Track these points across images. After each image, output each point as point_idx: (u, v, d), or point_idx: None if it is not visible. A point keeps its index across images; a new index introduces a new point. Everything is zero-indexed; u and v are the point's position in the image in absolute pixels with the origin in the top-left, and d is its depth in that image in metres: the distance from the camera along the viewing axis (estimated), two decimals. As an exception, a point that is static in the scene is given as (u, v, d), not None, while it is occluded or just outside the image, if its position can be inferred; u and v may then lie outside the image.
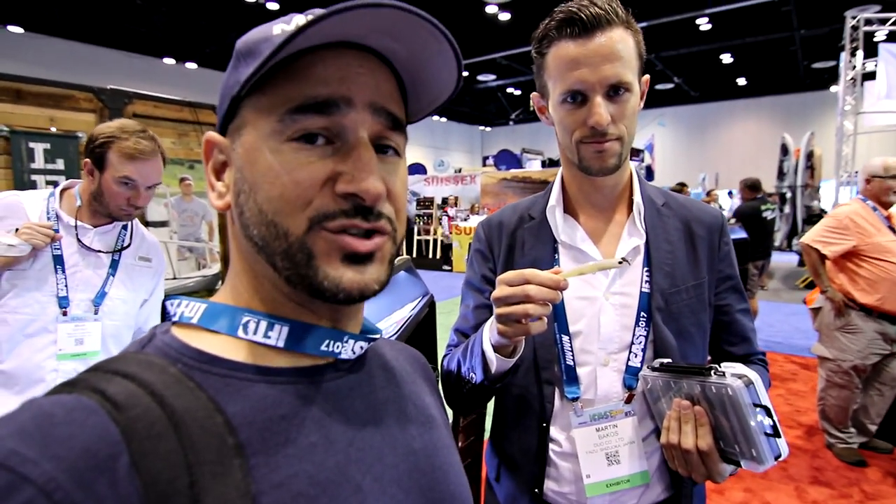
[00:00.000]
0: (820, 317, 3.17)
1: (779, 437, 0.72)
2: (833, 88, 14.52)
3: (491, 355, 0.84)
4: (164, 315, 0.49)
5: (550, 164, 15.29)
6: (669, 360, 0.92)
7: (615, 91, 0.87)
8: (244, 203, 0.45)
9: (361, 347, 0.51)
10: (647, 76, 0.95)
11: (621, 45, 0.86)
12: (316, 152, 0.44)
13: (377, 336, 0.54)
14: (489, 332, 0.85)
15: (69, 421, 0.35)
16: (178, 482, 0.36)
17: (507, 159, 17.04)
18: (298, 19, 0.45)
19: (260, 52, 0.43)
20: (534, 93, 1.00)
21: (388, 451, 0.49)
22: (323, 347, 0.48)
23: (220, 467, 0.38)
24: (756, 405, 0.73)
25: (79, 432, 0.34)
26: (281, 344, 0.46)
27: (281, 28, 0.45)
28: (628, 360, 0.94)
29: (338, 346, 0.49)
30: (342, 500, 0.42)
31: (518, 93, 19.95)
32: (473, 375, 0.89)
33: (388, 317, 1.75)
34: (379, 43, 0.46)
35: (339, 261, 0.44)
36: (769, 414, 0.72)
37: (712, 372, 0.78)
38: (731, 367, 0.78)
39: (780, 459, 0.72)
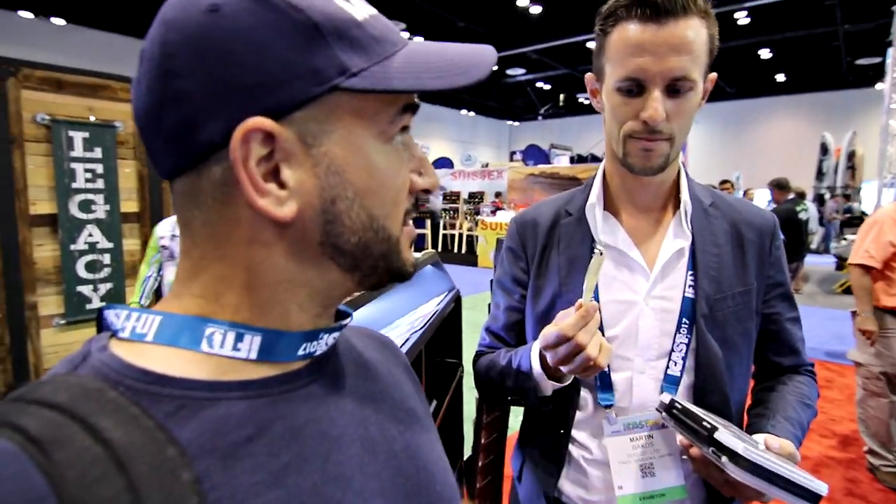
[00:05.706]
0: (856, 321, 3.06)
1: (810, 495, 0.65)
2: (878, 86, 13.90)
3: (546, 386, 0.89)
4: (101, 326, 0.41)
5: (579, 159, 15.08)
6: (678, 403, 0.80)
7: (676, 87, 0.81)
8: (345, 210, 0.40)
9: (334, 338, 0.47)
10: (713, 74, 0.88)
11: (693, 36, 0.79)
12: (403, 152, 0.45)
13: (347, 320, 0.50)
14: (538, 360, 0.88)
15: None
16: None
17: (534, 154, 16.93)
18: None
19: (367, 45, 0.40)
20: (588, 73, 0.94)
21: (369, 458, 0.45)
22: (300, 352, 0.44)
23: None
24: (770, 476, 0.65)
25: None
26: (253, 356, 0.41)
27: (368, 13, 0.41)
28: (667, 368, 0.90)
29: (314, 346, 0.45)
30: None
31: (548, 87, 19.67)
32: (524, 400, 0.93)
33: (414, 311, 1.73)
34: None
35: (410, 247, 0.48)
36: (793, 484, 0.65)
37: (711, 449, 0.69)
38: (733, 440, 0.68)
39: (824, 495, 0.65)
